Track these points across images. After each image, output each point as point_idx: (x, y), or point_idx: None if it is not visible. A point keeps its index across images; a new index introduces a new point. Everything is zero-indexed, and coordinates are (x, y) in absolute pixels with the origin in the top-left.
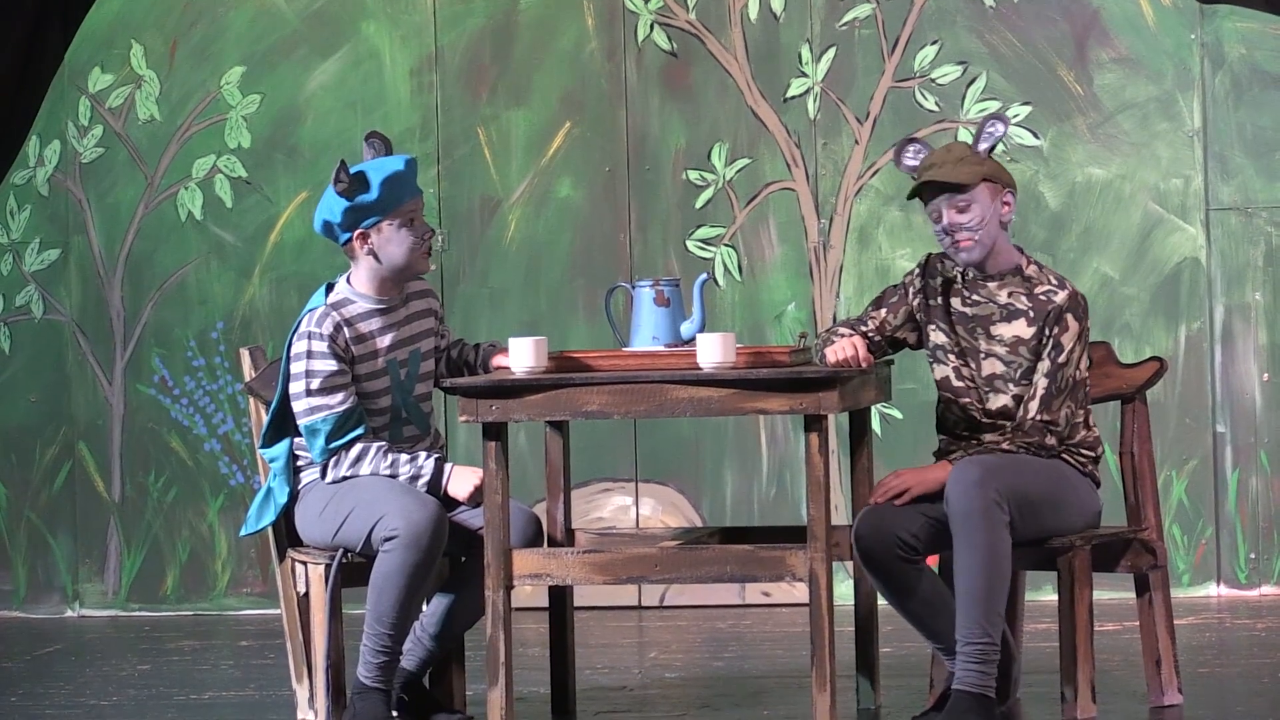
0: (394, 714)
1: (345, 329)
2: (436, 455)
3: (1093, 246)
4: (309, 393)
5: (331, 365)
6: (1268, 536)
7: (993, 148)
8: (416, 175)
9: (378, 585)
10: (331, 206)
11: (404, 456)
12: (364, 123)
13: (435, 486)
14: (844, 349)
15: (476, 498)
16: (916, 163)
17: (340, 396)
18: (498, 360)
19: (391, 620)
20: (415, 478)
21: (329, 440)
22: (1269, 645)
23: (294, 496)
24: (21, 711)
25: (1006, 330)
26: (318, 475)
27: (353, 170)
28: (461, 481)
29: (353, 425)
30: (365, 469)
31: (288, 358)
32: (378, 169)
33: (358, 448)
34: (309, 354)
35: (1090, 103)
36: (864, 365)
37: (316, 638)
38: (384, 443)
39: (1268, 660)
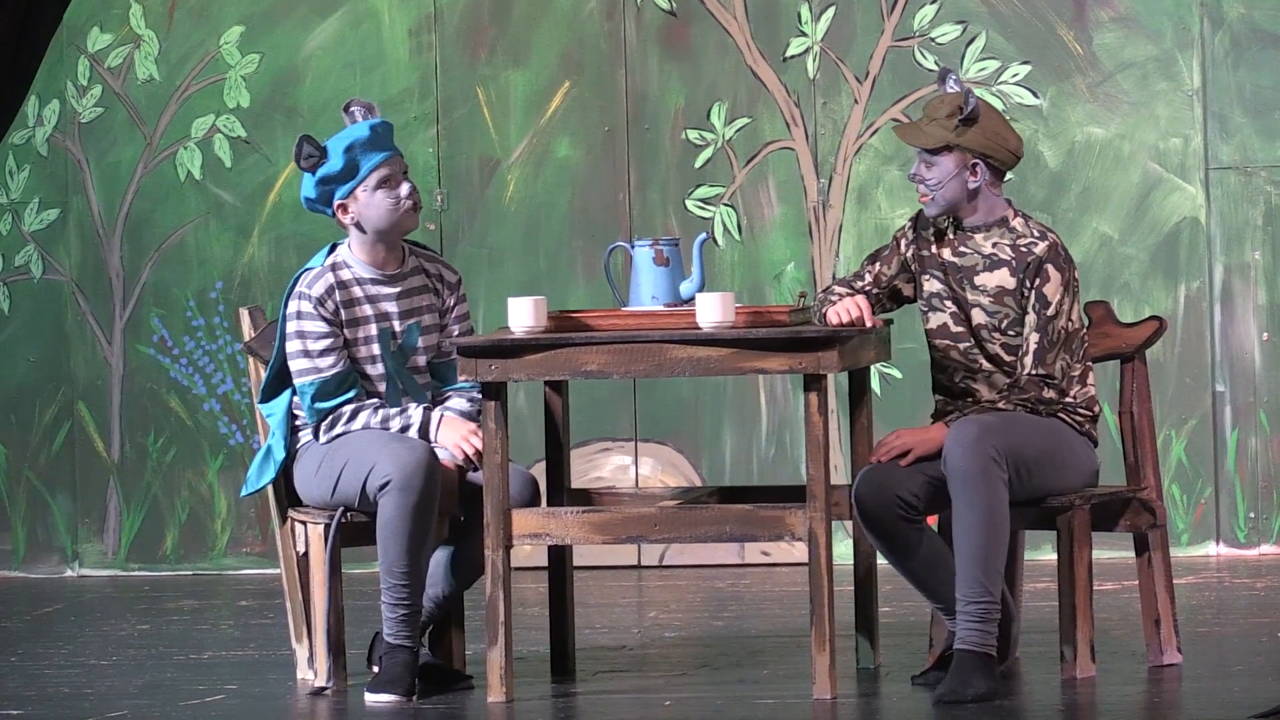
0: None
1: (337, 292)
2: (425, 405)
3: (1092, 206)
4: (298, 354)
5: (320, 328)
6: (1267, 496)
7: (973, 114)
8: (389, 136)
9: (382, 536)
10: (305, 184)
11: (394, 410)
12: (363, 83)
13: (423, 435)
14: (848, 310)
15: (464, 449)
16: (955, 91)
17: (330, 360)
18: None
19: (402, 569)
20: (405, 428)
21: (314, 402)
22: (1268, 604)
23: (292, 455)
24: (21, 671)
25: (990, 280)
26: (313, 435)
27: (324, 144)
28: (450, 431)
29: (345, 389)
30: (357, 425)
31: (283, 316)
32: (341, 138)
33: (349, 408)
34: (299, 315)
35: (1089, 62)
36: (869, 325)
37: (316, 597)
38: (377, 400)
39: (1267, 619)
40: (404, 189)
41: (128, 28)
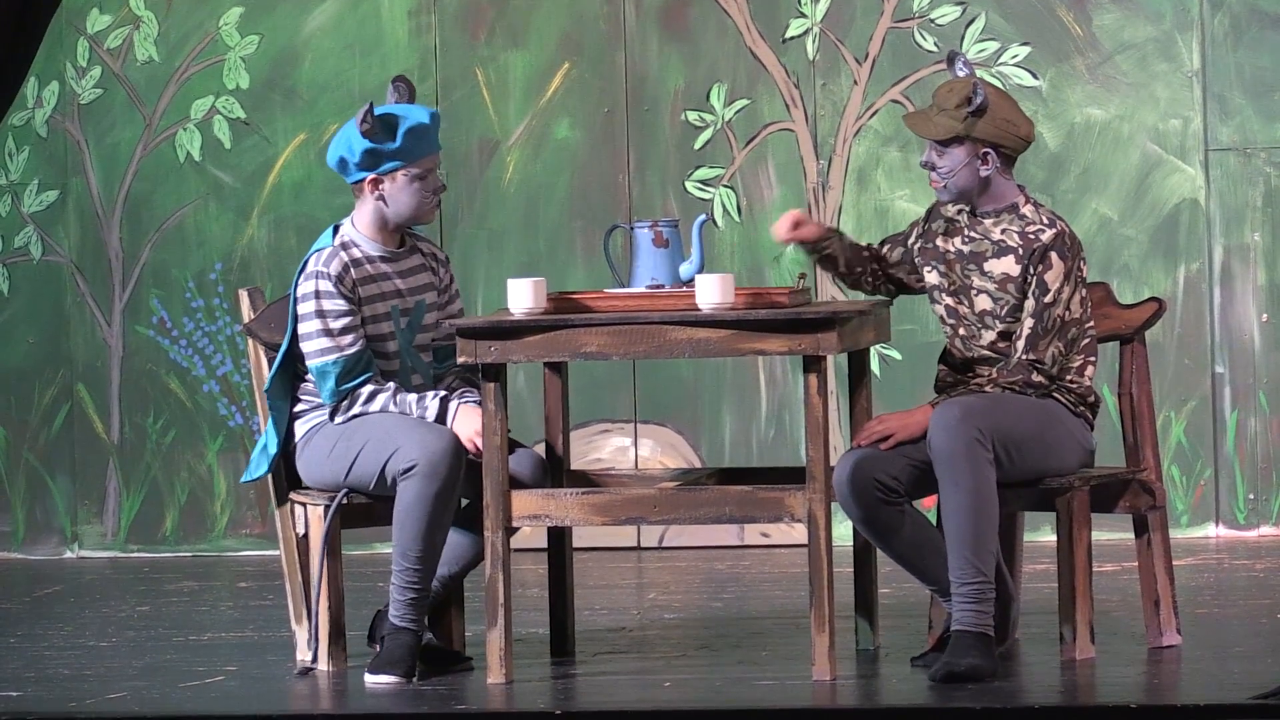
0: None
1: (353, 269)
2: (442, 394)
3: (1091, 187)
4: (319, 334)
5: (341, 305)
6: (1266, 477)
7: (982, 107)
8: (438, 130)
9: (399, 519)
10: (351, 144)
11: (412, 397)
12: (362, 64)
13: (439, 423)
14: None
15: (478, 443)
16: (964, 75)
17: (350, 338)
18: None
19: (416, 554)
20: (422, 418)
21: (339, 383)
22: (1267, 586)
23: (288, 446)
24: (20, 653)
25: (997, 266)
26: (324, 418)
27: (379, 112)
28: (466, 421)
29: (362, 369)
30: (375, 408)
31: (295, 299)
32: (405, 117)
33: (368, 389)
34: (317, 294)
35: (1089, 43)
36: (783, 237)
37: (314, 577)
38: (395, 384)
39: (1266, 601)
40: (436, 185)
41: (127, 9)
